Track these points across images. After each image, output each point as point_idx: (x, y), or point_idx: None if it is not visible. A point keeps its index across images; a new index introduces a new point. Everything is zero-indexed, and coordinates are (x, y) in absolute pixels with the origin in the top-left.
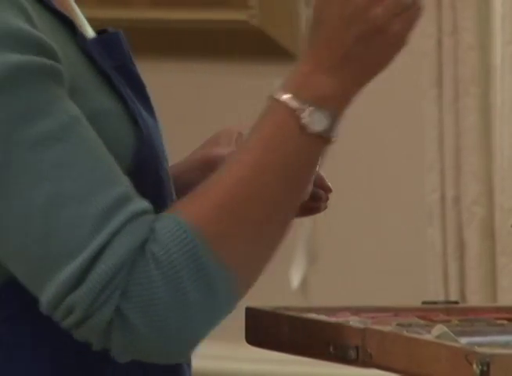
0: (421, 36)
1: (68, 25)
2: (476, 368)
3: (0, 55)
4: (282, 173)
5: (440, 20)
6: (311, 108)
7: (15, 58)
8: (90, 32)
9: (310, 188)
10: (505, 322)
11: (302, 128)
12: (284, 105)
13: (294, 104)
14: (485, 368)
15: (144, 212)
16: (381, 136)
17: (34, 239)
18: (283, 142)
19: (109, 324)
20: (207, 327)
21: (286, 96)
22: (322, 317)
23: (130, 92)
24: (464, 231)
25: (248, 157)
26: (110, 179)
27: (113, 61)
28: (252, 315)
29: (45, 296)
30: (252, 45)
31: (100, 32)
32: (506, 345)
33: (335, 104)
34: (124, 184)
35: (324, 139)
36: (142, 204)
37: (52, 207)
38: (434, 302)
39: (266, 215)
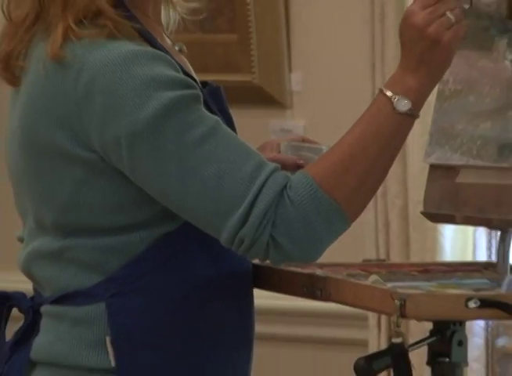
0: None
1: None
2: (397, 302)
3: (165, 93)
4: (378, 141)
5: (374, 81)
6: (399, 96)
7: (172, 94)
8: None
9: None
10: (415, 273)
11: (394, 109)
12: (384, 95)
13: (389, 94)
14: (403, 302)
15: (275, 170)
16: None
17: (211, 201)
18: (380, 119)
19: (267, 246)
20: (328, 242)
21: (385, 90)
22: (299, 269)
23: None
24: (389, 215)
25: (356, 130)
26: (248, 154)
27: (216, 105)
28: (256, 268)
29: (224, 236)
30: (254, 97)
31: (203, 82)
32: (416, 287)
33: (415, 94)
34: (257, 155)
35: (410, 118)
36: (272, 165)
37: (218, 179)
38: (370, 260)
39: (366, 169)
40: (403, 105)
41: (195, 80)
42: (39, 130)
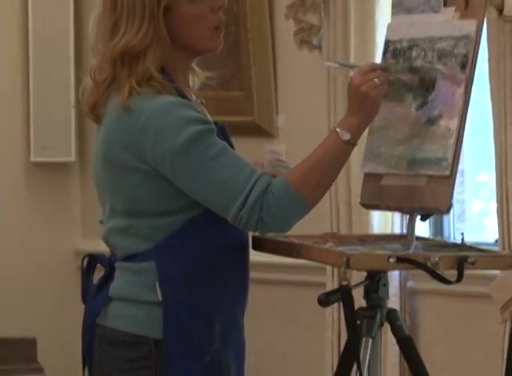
0: None
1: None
2: (344, 259)
3: (192, 127)
4: (329, 159)
5: (329, 123)
6: (344, 130)
7: (196, 128)
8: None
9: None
10: (355, 241)
11: (340, 139)
12: (335, 130)
13: (338, 129)
14: (348, 259)
15: (262, 175)
16: None
17: (222, 195)
18: (332, 145)
19: (256, 222)
20: (295, 221)
21: (336, 127)
22: (282, 239)
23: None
24: (339, 205)
25: (316, 151)
26: (244, 165)
27: (222, 136)
28: (256, 238)
29: (230, 216)
30: (254, 131)
31: (214, 122)
32: (356, 250)
33: (354, 130)
34: (250, 165)
35: (350, 145)
36: (260, 172)
37: (226, 181)
38: (327, 233)
39: (321, 176)
40: (346, 136)
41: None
42: (113, 152)
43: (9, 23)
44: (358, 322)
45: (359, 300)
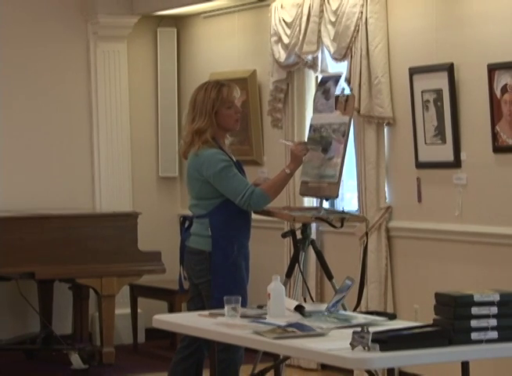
0: None
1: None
2: (292, 218)
3: (223, 163)
4: (280, 181)
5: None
6: (287, 169)
7: (225, 163)
8: (233, 158)
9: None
10: (297, 210)
11: (285, 172)
12: (283, 169)
13: (285, 168)
14: (294, 218)
15: (251, 185)
16: None
17: (234, 192)
18: (282, 175)
19: (248, 205)
20: (265, 205)
21: (284, 168)
22: (268, 209)
23: (240, 171)
24: (290, 194)
25: (276, 178)
26: (245, 180)
27: (239, 166)
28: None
29: (236, 201)
30: (253, 163)
31: (237, 160)
32: (297, 214)
33: (291, 169)
34: (246, 180)
35: (288, 175)
36: (250, 184)
37: (237, 186)
38: (285, 206)
39: (276, 189)
40: (287, 171)
41: (233, 159)
42: (191, 172)
43: (146, 90)
44: (299, 244)
45: (299, 235)
